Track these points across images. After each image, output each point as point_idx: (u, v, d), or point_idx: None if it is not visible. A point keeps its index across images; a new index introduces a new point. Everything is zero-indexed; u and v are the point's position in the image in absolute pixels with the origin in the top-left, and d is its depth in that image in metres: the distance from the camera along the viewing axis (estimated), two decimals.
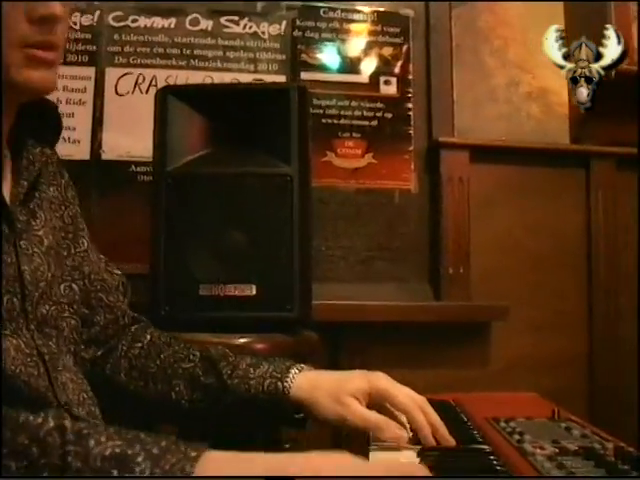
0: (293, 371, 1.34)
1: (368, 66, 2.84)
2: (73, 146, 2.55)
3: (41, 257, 1.21)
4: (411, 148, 2.82)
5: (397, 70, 2.85)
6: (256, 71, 2.74)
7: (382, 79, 2.84)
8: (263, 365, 1.36)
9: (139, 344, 1.46)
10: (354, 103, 2.81)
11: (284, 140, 2.07)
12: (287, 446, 1.76)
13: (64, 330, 1.27)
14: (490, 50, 3.00)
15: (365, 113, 2.81)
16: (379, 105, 2.82)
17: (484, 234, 2.84)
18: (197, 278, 2.00)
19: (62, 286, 1.29)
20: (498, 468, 1.06)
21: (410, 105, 2.85)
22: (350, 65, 2.83)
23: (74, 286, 1.33)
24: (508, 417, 1.38)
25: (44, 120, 1.29)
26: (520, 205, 2.91)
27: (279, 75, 2.75)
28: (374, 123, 2.81)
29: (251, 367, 1.36)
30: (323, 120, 2.77)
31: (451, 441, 1.23)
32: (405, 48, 2.86)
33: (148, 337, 1.48)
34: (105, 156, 2.61)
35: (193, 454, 0.76)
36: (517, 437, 1.22)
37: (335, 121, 2.79)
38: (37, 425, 0.76)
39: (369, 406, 1.29)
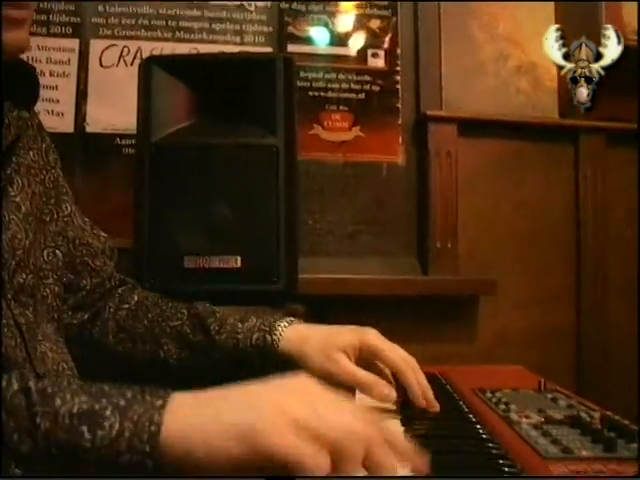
0: (282, 324, 1.32)
1: (356, 39, 2.82)
2: (57, 119, 2.53)
3: (18, 225, 1.18)
4: (399, 121, 2.80)
5: (385, 43, 2.83)
6: (242, 43, 2.71)
7: (370, 52, 2.82)
8: (251, 319, 1.34)
9: (126, 305, 1.45)
10: (341, 76, 2.78)
11: (270, 111, 2.05)
12: None
13: (47, 297, 1.25)
14: (479, 24, 2.97)
15: (352, 86, 2.79)
16: (367, 78, 2.80)
17: (472, 208, 2.82)
18: (182, 250, 1.99)
19: (45, 252, 1.27)
20: (484, 437, 1.05)
21: (398, 78, 2.83)
22: (338, 38, 2.81)
23: (58, 252, 1.31)
24: (494, 388, 1.37)
25: (21, 83, 1.26)
26: (508, 179, 2.89)
27: (266, 47, 2.73)
28: (362, 96, 2.79)
29: (239, 321, 1.34)
30: (310, 93, 2.75)
31: (436, 406, 1.22)
32: (393, 21, 2.84)
33: (135, 298, 1.47)
34: (89, 129, 2.58)
35: (159, 402, 0.76)
36: (503, 407, 1.22)
37: (322, 94, 2.76)
38: (1, 389, 0.75)
39: (358, 362, 1.27)
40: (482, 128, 2.88)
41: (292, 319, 1.34)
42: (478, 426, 1.11)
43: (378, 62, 2.82)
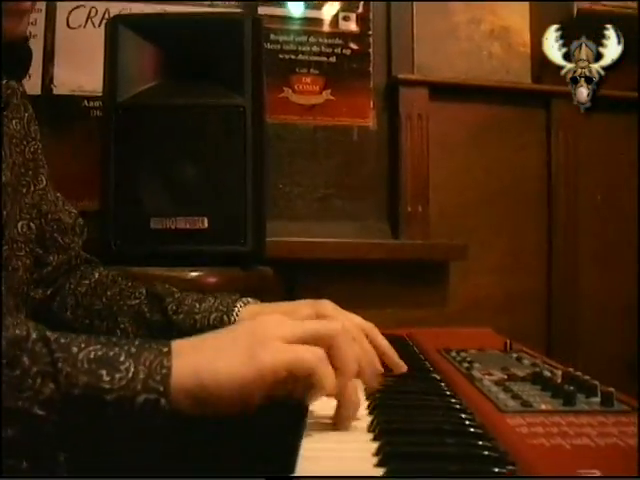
0: (239, 304, 1.31)
1: (328, 2, 2.78)
2: (23, 81, 2.48)
3: None
4: (370, 85, 2.78)
5: (357, 6, 2.80)
6: (212, 5, 2.67)
7: (341, 15, 2.79)
8: (209, 300, 1.33)
9: (86, 282, 1.43)
10: (313, 39, 2.76)
11: (237, 71, 2.03)
12: None
13: (18, 270, 1.24)
14: None
15: (324, 49, 2.76)
16: (338, 41, 2.77)
17: (443, 172, 2.82)
18: (148, 211, 1.97)
19: (20, 224, 1.25)
20: (446, 392, 1.05)
21: (370, 41, 2.80)
22: (310, 1, 2.77)
23: (32, 225, 1.29)
24: (460, 349, 1.37)
25: (12, 53, 1.24)
26: (480, 144, 2.88)
27: (235, 9, 2.69)
28: (333, 60, 2.76)
29: (197, 302, 1.33)
30: (281, 56, 2.72)
31: (401, 366, 1.21)
32: None
33: (96, 275, 1.45)
34: (57, 91, 2.54)
35: (165, 349, 0.82)
36: (466, 365, 1.21)
37: (293, 57, 2.73)
38: (23, 337, 0.78)
39: None
40: (454, 92, 2.86)
41: (249, 299, 1.34)
42: (441, 383, 1.11)
43: (350, 25, 2.79)
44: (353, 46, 2.78)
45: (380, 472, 0.68)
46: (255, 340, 0.85)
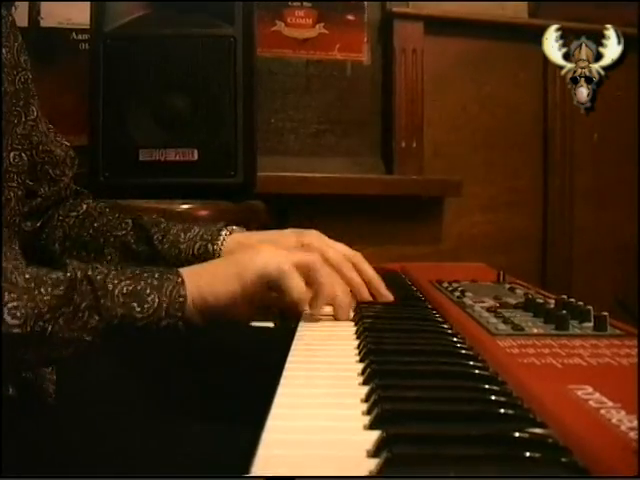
0: (224, 233, 1.30)
1: None
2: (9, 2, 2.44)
3: None
4: (364, 19, 2.74)
5: None
6: None
7: None
8: (194, 229, 1.32)
9: (74, 213, 1.41)
10: None
11: (227, 0, 1.98)
12: None
13: (10, 201, 1.21)
14: None
15: None
16: None
17: (438, 108, 2.79)
18: (137, 143, 1.94)
19: (12, 154, 1.23)
20: (437, 318, 1.04)
21: None
22: None
23: (23, 155, 1.27)
24: (452, 280, 1.36)
25: None
26: (475, 80, 2.85)
27: None
28: None
29: (182, 232, 1.32)
30: None
31: (388, 296, 1.20)
32: None
33: (84, 207, 1.43)
34: (44, 23, 2.50)
35: (179, 279, 0.98)
36: (458, 294, 1.20)
37: None
38: (71, 278, 0.93)
39: None
40: (449, 26, 2.82)
41: (234, 228, 1.33)
42: (433, 310, 1.10)
43: None
44: None
45: (365, 390, 0.67)
46: (241, 267, 1.02)
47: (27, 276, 0.92)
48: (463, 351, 0.82)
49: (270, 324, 1.35)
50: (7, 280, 0.91)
